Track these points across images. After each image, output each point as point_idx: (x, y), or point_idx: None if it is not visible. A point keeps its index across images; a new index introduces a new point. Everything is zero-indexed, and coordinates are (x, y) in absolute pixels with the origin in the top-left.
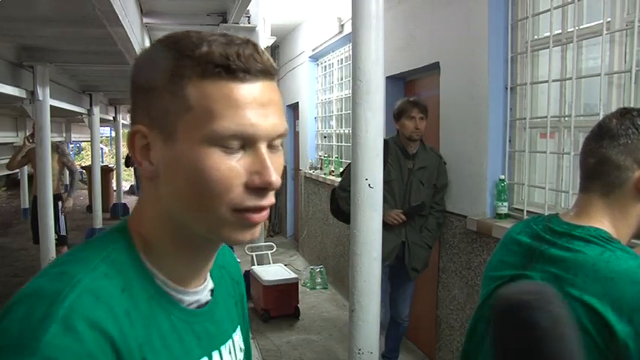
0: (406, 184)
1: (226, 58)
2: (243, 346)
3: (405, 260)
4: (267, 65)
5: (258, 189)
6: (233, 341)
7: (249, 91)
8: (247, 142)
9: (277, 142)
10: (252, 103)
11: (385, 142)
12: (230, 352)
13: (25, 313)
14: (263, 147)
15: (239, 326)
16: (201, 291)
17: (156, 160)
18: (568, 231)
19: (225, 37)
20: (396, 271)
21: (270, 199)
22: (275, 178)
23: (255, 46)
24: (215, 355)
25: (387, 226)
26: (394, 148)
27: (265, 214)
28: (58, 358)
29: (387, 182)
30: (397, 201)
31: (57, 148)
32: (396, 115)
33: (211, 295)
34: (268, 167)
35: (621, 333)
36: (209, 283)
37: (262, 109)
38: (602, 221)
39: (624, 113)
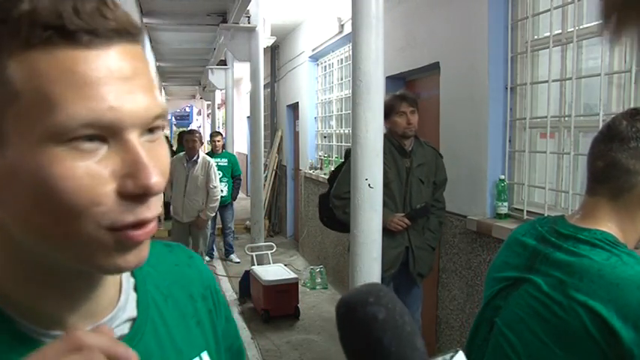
0: (405, 185)
1: (59, 15)
2: None
3: (410, 266)
4: (123, 21)
5: (135, 196)
6: None
7: (101, 60)
8: (109, 134)
9: (157, 127)
10: (108, 78)
11: None
12: None
13: None
14: (134, 137)
15: (202, 354)
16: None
17: None
18: (574, 234)
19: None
20: (401, 279)
21: (154, 207)
22: (155, 179)
23: None
24: None
25: (389, 232)
26: (388, 147)
27: (152, 226)
28: None
29: (384, 185)
30: (398, 204)
31: None
32: (385, 114)
33: (130, 329)
34: (144, 164)
35: (626, 339)
36: (119, 318)
37: (124, 84)
38: (608, 225)
39: (634, 114)
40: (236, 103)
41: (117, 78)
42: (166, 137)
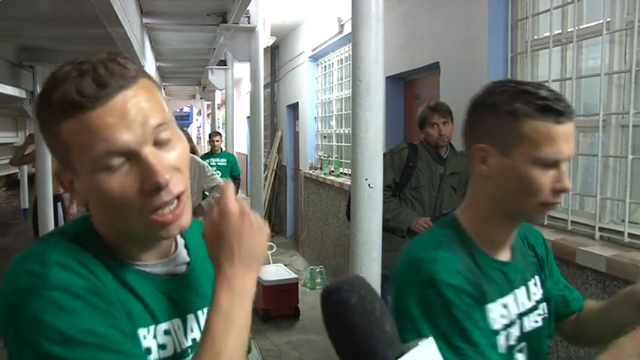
0: (438, 191)
1: (79, 94)
2: None
3: None
4: (117, 79)
5: (153, 190)
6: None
7: (110, 112)
8: (126, 155)
9: (163, 135)
10: (116, 121)
11: (414, 146)
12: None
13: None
14: (145, 150)
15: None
16: (165, 264)
17: (81, 189)
18: None
19: (78, 67)
20: None
21: (169, 191)
22: (162, 177)
23: (95, 68)
24: (190, 317)
25: (411, 234)
26: (424, 153)
27: (180, 205)
28: (67, 288)
29: (414, 189)
30: (426, 208)
31: None
32: (419, 125)
33: (186, 269)
34: (152, 169)
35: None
36: (178, 258)
37: (126, 120)
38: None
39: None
40: (236, 103)
41: (120, 118)
42: None
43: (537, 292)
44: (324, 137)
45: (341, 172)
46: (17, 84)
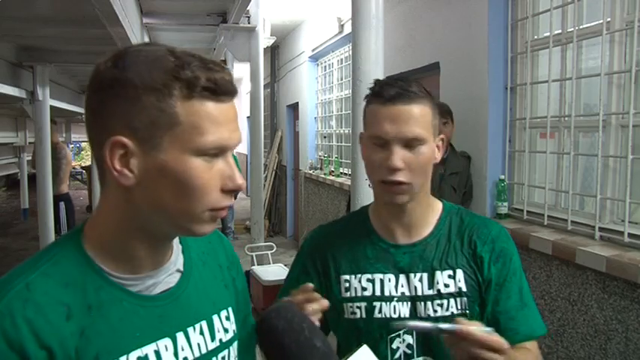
0: (438, 191)
1: (214, 82)
2: (232, 327)
3: None
4: (235, 87)
5: (230, 191)
6: (210, 322)
7: (227, 110)
8: (221, 152)
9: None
10: (228, 120)
11: None
12: (201, 333)
13: None
14: (230, 155)
15: (229, 308)
16: (157, 275)
17: (136, 168)
18: None
19: (200, 60)
20: None
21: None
22: (242, 181)
23: (227, 70)
24: (179, 335)
25: None
26: None
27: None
28: None
29: None
30: None
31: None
32: None
33: (179, 278)
34: (237, 172)
35: None
36: (171, 266)
37: (233, 124)
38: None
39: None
40: (236, 103)
41: (231, 120)
42: None
43: (451, 284)
44: (324, 137)
45: (341, 172)
46: (17, 84)
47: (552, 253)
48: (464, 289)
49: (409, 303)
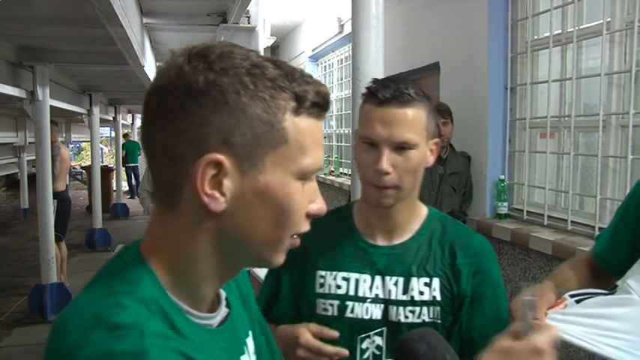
0: (437, 191)
1: (322, 98)
2: (258, 348)
3: None
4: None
5: (312, 215)
6: (247, 348)
7: (320, 128)
8: (311, 176)
9: None
10: (321, 140)
11: None
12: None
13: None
14: (314, 177)
15: (250, 330)
16: (220, 311)
17: (229, 191)
18: None
19: (299, 71)
20: None
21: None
22: (325, 205)
23: (320, 84)
24: None
25: None
26: None
27: None
28: None
29: None
30: None
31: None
32: None
33: (227, 306)
34: (320, 195)
35: None
36: (223, 297)
37: (322, 144)
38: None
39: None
40: None
41: (322, 140)
42: (136, 142)
43: (426, 292)
44: (324, 137)
45: (341, 172)
46: (17, 84)
47: (552, 253)
48: (438, 298)
49: (382, 305)
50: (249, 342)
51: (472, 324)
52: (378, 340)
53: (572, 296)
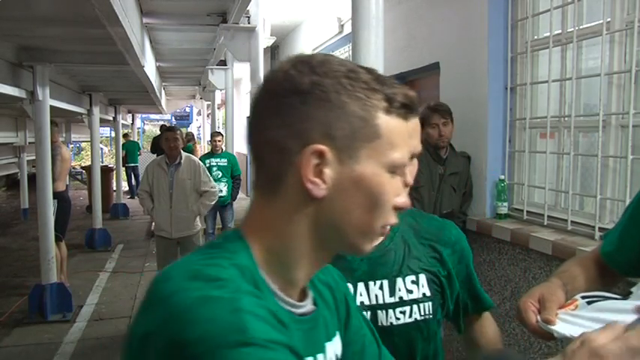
0: (437, 191)
1: (410, 100)
2: (339, 353)
3: None
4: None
5: (399, 208)
6: (326, 350)
7: (413, 127)
8: (402, 167)
9: None
10: (413, 137)
11: None
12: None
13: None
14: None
15: (338, 333)
16: (306, 304)
17: (329, 178)
18: None
19: (387, 78)
20: None
21: None
22: (409, 200)
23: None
24: (319, 357)
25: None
26: (424, 153)
27: None
28: (266, 344)
29: (414, 188)
30: (426, 208)
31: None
32: (420, 124)
33: (313, 304)
34: (405, 191)
35: None
36: (310, 295)
37: (415, 141)
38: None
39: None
40: (236, 104)
41: (415, 137)
42: (136, 142)
43: (414, 290)
44: None
45: None
46: (17, 84)
47: (552, 253)
48: (428, 293)
49: (369, 312)
50: (329, 346)
51: (469, 294)
52: None
53: (583, 297)
